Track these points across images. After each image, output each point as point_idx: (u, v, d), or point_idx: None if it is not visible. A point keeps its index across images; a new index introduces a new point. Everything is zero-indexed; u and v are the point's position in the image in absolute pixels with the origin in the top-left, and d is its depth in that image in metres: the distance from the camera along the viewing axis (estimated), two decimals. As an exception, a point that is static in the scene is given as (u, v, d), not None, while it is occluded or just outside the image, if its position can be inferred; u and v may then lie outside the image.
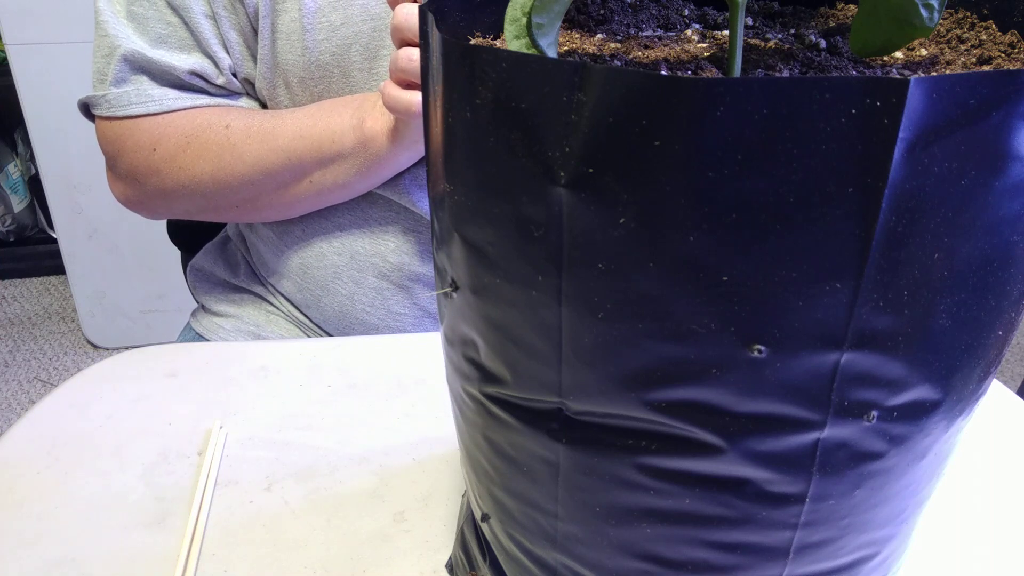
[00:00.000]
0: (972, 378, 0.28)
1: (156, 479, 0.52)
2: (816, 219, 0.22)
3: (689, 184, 0.22)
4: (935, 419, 0.28)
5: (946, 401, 0.28)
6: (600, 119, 0.22)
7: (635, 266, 0.24)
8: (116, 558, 0.46)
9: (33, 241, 2.17)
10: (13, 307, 2.04)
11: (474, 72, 0.24)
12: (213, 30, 0.67)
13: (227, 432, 0.56)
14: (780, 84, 0.20)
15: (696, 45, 0.32)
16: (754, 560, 0.30)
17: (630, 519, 0.30)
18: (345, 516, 0.49)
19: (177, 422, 0.57)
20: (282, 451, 0.54)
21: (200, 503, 0.49)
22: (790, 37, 0.33)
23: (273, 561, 0.46)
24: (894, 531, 0.32)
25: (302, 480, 0.52)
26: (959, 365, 0.27)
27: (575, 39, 0.32)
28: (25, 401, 1.74)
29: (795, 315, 0.24)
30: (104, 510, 0.49)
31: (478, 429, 0.33)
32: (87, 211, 1.75)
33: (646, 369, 0.26)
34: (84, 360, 1.87)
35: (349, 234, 0.71)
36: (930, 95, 0.21)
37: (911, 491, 0.31)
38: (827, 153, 0.21)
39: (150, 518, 0.49)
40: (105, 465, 0.53)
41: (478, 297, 0.29)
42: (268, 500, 0.50)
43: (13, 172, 2.11)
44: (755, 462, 0.27)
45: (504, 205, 0.26)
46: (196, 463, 0.53)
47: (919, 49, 0.32)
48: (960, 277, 0.24)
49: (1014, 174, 0.23)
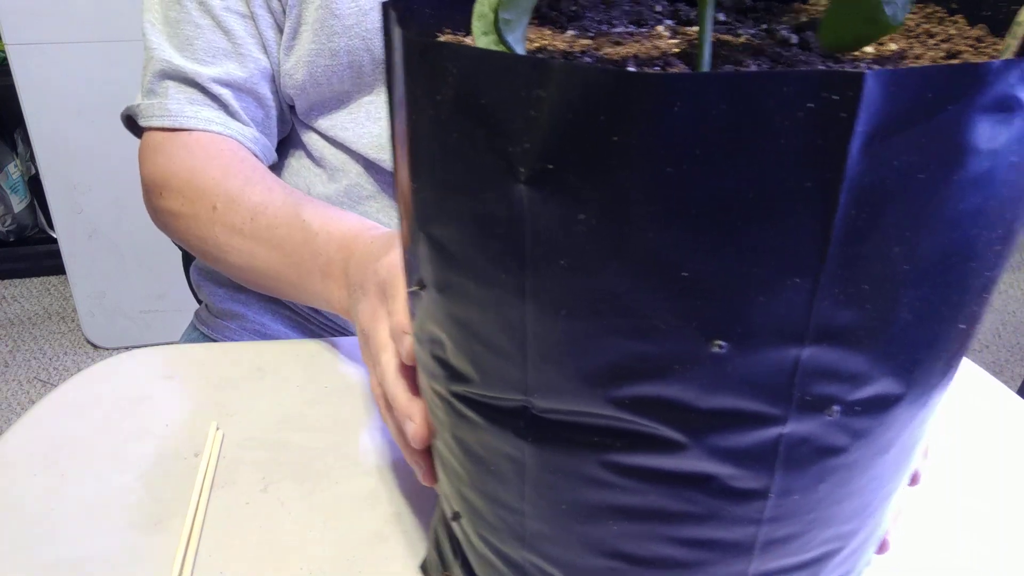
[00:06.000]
0: (935, 371, 0.28)
1: (154, 480, 0.52)
2: (775, 214, 0.22)
3: (648, 180, 0.22)
4: (897, 412, 0.28)
5: (909, 395, 0.28)
6: (559, 115, 0.22)
7: (597, 263, 0.24)
8: (113, 558, 0.46)
9: (33, 241, 2.17)
10: (13, 307, 2.05)
11: (435, 69, 0.24)
12: (251, 29, 0.67)
13: (224, 433, 0.56)
14: (737, 79, 0.20)
15: (667, 41, 0.32)
16: (720, 556, 0.30)
17: (596, 516, 0.30)
18: (342, 517, 0.49)
19: (175, 423, 0.57)
20: (279, 452, 0.54)
21: (197, 504, 0.50)
22: (762, 32, 0.33)
23: (270, 562, 0.46)
24: (860, 525, 0.32)
25: (299, 481, 0.52)
26: (921, 359, 0.27)
27: (546, 36, 0.32)
28: (25, 401, 1.75)
29: (756, 310, 0.24)
30: (101, 510, 0.50)
31: (447, 428, 0.33)
32: (87, 211, 1.76)
33: (609, 366, 0.26)
34: (84, 360, 1.88)
35: None
36: (887, 88, 0.21)
37: (876, 485, 0.30)
38: (785, 147, 0.21)
39: (147, 519, 0.49)
40: (103, 466, 0.53)
41: (444, 295, 0.29)
42: (265, 501, 0.50)
43: (13, 172, 2.12)
44: (718, 458, 0.27)
45: (467, 203, 0.26)
46: (193, 464, 0.53)
47: (889, 44, 0.32)
48: (921, 271, 0.24)
49: (973, 168, 0.23)
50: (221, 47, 0.67)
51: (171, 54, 0.67)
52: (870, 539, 0.34)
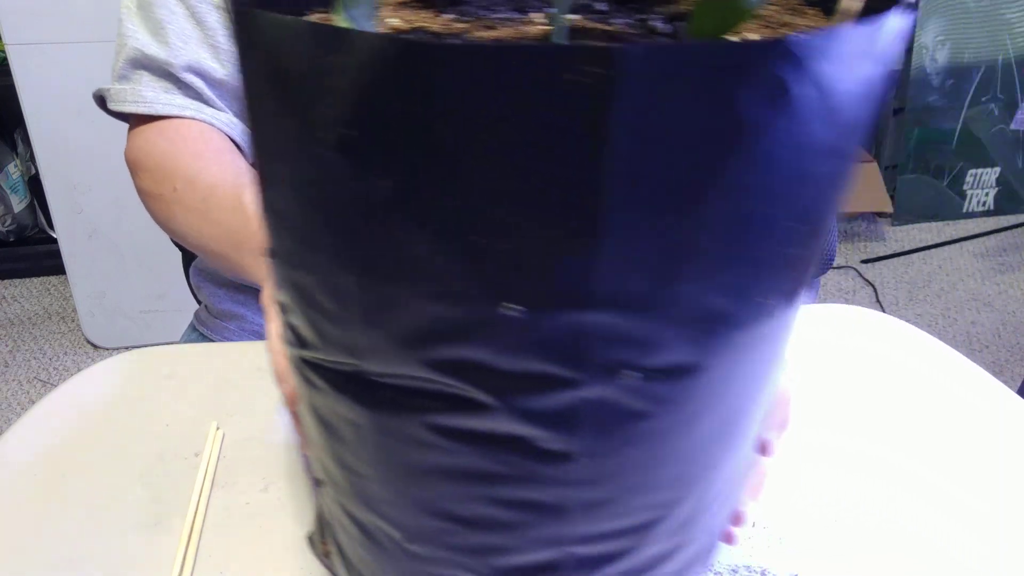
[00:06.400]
0: (736, 345, 0.29)
1: (154, 480, 0.52)
2: (548, 183, 0.23)
3: (433, 147, 0.23)
4: (700, 383, 0.29)
5: (708, 366, 0.28)
6: (353, 83, 0.23)
7: (397, 227, 0.25)
8: (113, 558, 0.46)
9: (33, 241, 2.18)
10: (13, 307, 2.05)
11: (250, 37, 0.25)
12: (225, 21, 0.68)
13: (224, 433, 0.56)
14: (498, 50, 0.21)
15: (537, 27, 0.33)
16: (540, 518, 0.31)
17: (425, 478, 0.31)
18: (340, 516, 0.49)
19: (175, 423, 0.57)
20: (279, 452, 0.54)
21: (197, 504, 0.50)
22: (637, 22, 0.34)
23: (270, 562, 0.46)
24: (682, 494, 0.33)
25: (299, 481, 0.52)
26: (717, 330, 0.28)
27: (423, 17, 0.33)
28: (25, 401, 1.75)
29: (541, 275, 0.25)
30: (102, 510, 0.50)
31: (303, 395, 0.35)
32: (87, 211, 1.76)
33: (419, 329, 0.27)
34: (84, 360, 1.88)
35: None
36: (643, 64, 0.21)
37: (691, 454, 0.31)
38: (551, 119, 0.22)
39: (147, 519, 0.49)
40: (103, 466, 0.53)
41: (282, 261, 0.30)
42: (265, 501, 0.50)
43: (13, 172, 2.12)
44: (525, 419, 0.28)
45: (285, 168, 0.27)
46: (193, 464, 0.53)
47: (751, 34, 0.33)
48: (699, 244, 0.25)
49: (743, 145, 0.24)
50: (194, 36, 0.68)
51: (145, 40, 0.69)
52: (704, 513, 0.35)
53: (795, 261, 0.28)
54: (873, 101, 0.27)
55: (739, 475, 0.37)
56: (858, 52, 0.24)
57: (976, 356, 1.85)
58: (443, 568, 0.35)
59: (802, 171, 0.26)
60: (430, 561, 0.35)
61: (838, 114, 0.25)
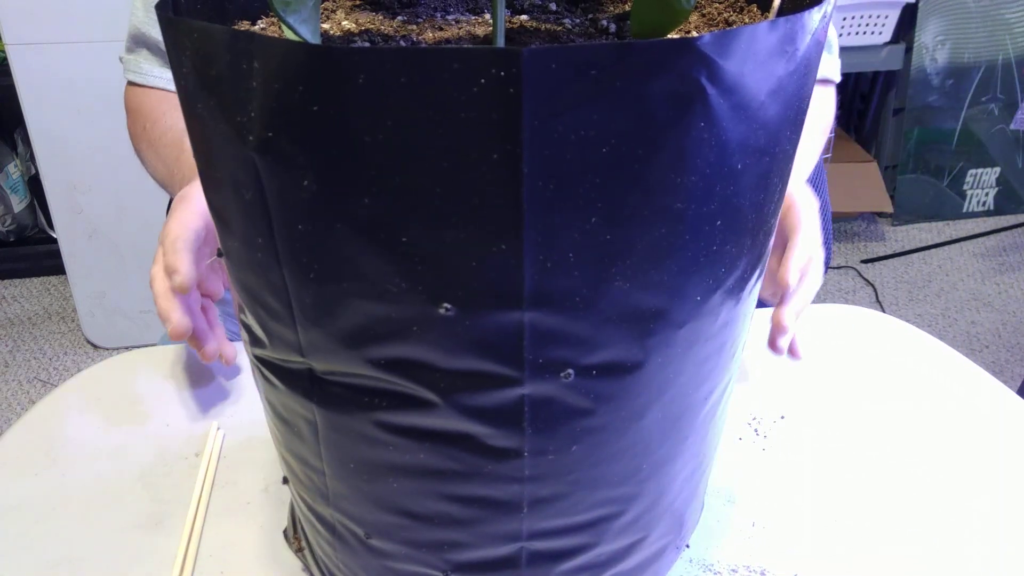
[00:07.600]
0: (673, 342, 0.29)
1: (154, 480, 0.52)
2: (468, 184, 0.23)
3: (351, 149, 0.23)
4: (642, 380, 0.29)
5: (649, 363, 0.28)
6: (269, 86, 0.23)
7: (325, 227, 0.25)
8: (114, 558, 0.46)
9: (33, 241, 2.18)
10: (13, 307, 2.05)
11: (177, 44, 0.26)
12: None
13: (224, 433, 0.56)
14: (409, 54, 0.21)
15: (487, 28, 0.33)
16: (491, 513, 0.32)
17: (378, 474, 0.32)
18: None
19: (175, 423, 0.57)
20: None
21: (198, 504, 0.50)
22: (586, 22, 0.34)
23: (270, 562, 0.46)
24: (635, 490, 0.33)
25: (298, 479, 0.52)
26: (653, 329, 0.28)
27: (376, 20, 0.33)
28: (25, 401, 1.75)
29: (472, 275, 0.25)
30: (102, 511, 0.50)
31: (261, 393, 0.35)
32: (87, 211, 1.76)
33: (359, 327, 0.27)
34: (84, 360, 1.88)
35: None
36: (549, 66, 0.21)
37: (640, 451, 0.31)
38: (467, 120, 0.22)
39: (148, 519, 0.49)
40: (104, 466, 0.53)
41: (230, 260, 0.30)
42: (265, 501, 0.50)
43: (13, 172, 2.12)
44: (470, 416, 0.28)
45: (219, 170, 0.27)
46: (194, 464, 0.53)
47: (692, 32, 0.33)
48: (626, 242, 0.25)
49: (658, 143, 0.24)
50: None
51: (141, 18, 0.79)
52: (658, 508, 0.35)
53: (729, 259, 0.28)
54: (793, 99, 0.27)
55: (698, 473, 0.37)
56: (771, 50, 0.24)
57: (976, 356, 1.85)
58: (404, 563, 0.35)
59: (724, 169, 0.26)
60: (391, 556, 0.35)
61: (755, 112, 0.25)
